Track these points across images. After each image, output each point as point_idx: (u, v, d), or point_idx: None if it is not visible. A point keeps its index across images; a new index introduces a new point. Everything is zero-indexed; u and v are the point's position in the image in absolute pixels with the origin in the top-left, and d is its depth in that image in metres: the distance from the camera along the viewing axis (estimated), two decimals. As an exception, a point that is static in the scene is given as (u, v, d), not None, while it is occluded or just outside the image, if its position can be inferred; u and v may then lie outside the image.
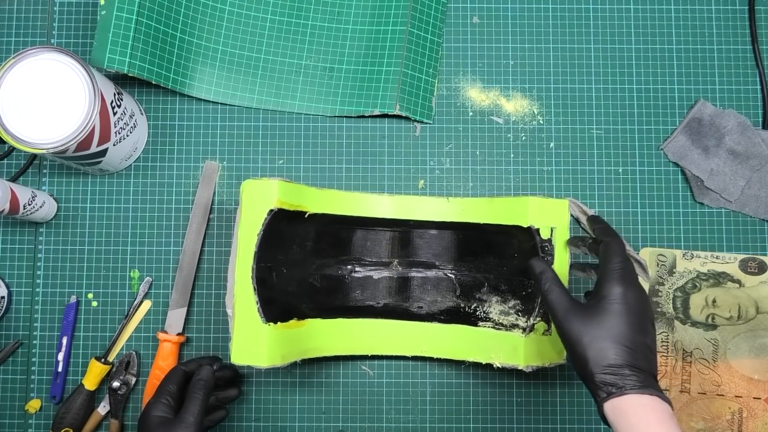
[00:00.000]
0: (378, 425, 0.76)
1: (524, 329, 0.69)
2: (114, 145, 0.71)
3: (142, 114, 0.77)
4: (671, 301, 0.77)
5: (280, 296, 0.71)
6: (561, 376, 0.76)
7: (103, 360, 0.75)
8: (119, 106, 0.70)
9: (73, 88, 0.65)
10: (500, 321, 0.72)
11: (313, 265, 0.74)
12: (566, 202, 0.69)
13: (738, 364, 0.76)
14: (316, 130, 0.79)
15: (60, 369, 0.75)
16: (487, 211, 0.72)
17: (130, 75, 0.72)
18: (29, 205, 0.71)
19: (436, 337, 0.73)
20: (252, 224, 0.67)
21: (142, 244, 0.77)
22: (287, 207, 0.68)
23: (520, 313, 0.71)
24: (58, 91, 0.65)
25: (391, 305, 0.75)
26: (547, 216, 0.68)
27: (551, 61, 0.80)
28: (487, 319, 0.73)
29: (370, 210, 0.73)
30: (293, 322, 0.69)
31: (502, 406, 0.76)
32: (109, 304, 0.77)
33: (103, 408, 0.75)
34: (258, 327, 0.66)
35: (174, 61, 0.76)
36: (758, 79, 0.79)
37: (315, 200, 0.71)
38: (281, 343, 0.67)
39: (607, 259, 0.59)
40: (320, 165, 0.78)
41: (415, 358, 0.76)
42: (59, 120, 0.65)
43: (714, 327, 0.77)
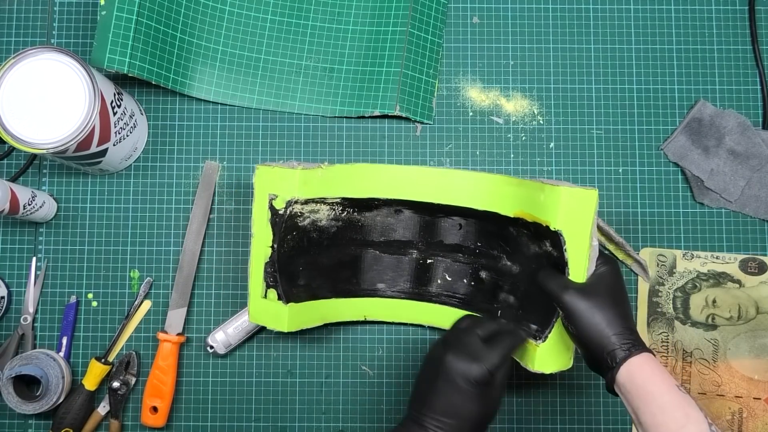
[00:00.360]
0: (378, 425, 0.76)
1: (536, 337, 0.66)
2: (114, 145, 0.71)
3: (142, 114, 0.77)
4: (671, 301, 0.77)
5: (302, 280, 0.72)
6: (561, 377, 0.76)
7: (103, 360, 0.75)
8: (119, 106, 0.70)
9: (73, 88, 0.65)
10: (505, 317, 0.70)
11: (327, 249, 0.74)
12: (595, 192, 0.62)
13: (738, 364, 0.76)
14: (316, 130, 0.79)
15: (60, 369, 0.75)
16: (508, 194, 0.67)
17: (130, 75, 0.72)
18: (29, 205, 0.71)
19: (446, 317, 0.73)
20: (263, 211, 0.68)
21: (142, 244, 0.78)
22: (307, 196, 0.68)
23: (528, 320, 0.68)
24: (58, 91, 0.65)
25: (409, 289, 0.75)
26: (577, 210, 0.62)
27: (551, 61, 0.80)
28: (504, 316, 0.71)
29: (394, 189, 0.70)
30: (311, 303, 0.71)
31: (501, 406, 0.76)
32: (109, 304, 0.77)
33: (103, 408, 0.75)
34: (277, 306, 0.69)
35: (174, 61, 0.76)
36: (758, 79, 0.79)
37: (331, 183, 0.69)
38: (301, 315, 0.70)
39: None
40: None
41: (415, 358, 0.76)
42: (59, 120, 0.65)
43: (714, 327, 0.77)
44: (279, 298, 0.69)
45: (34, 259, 0.77)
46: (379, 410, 0.76)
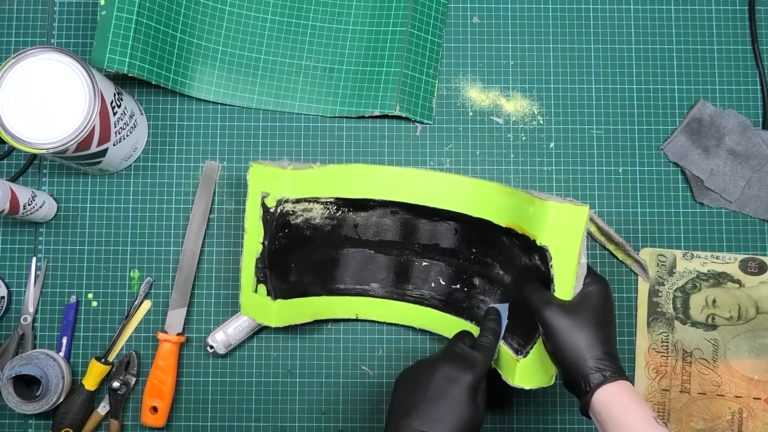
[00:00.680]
0: (378, 425, 0.76)
1: (518, 351, 0.66)
2: (114, 145, 0.71)
3: (142, 114, 0.77)
4: (671, 301, 0.77)
5: (293, 276, 0.72)
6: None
7: (103, 360, 0.75)
8: (119, 106, 0.70)
9: (73, 88, 0.65)
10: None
11: (321, 247, 0.74)
12: (586, 209, 0.61)
13: (738, 364, 0.76)
14: (316, 130, 0.79)
15: (60, 369, 0.75)
16: (501, 204, 0.66)
17: (130, 75, 0.72)
18: (29, 205, 0.71)
19: (436, 320, 0.73)
20: (255, 208, 0.69)
21: (142, 244, 0.78)
22: (298, 195, 0.69)
23: (513, 332, 0.68)
24: (58, 91, 0.65)
25: (402, 291, 0.75)
26: (566, 226, 0.61)
27: (551, 61, 0.80)
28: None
29: (389, 191, 0.70)
30: (301, 299, 0.72)
31: (501, 406, 0.76)
32: (109, 304, 0.77)
33: (103, 408, 0.75)
34: (266, 301, 0.70)
35: (174, 61, 0.76)
36: (758, 79, 0.80)
37: (323, 183, 0.69)
38: (290, 310, 0.71)
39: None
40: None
41: (415, 358, 0.76)
42: (59, 120, 0.65)
43: (714, 327, 0.77)
44: (268, 294, 0.70)
45: (34, 259, 0.77)
46: (379, 410, 0.76)
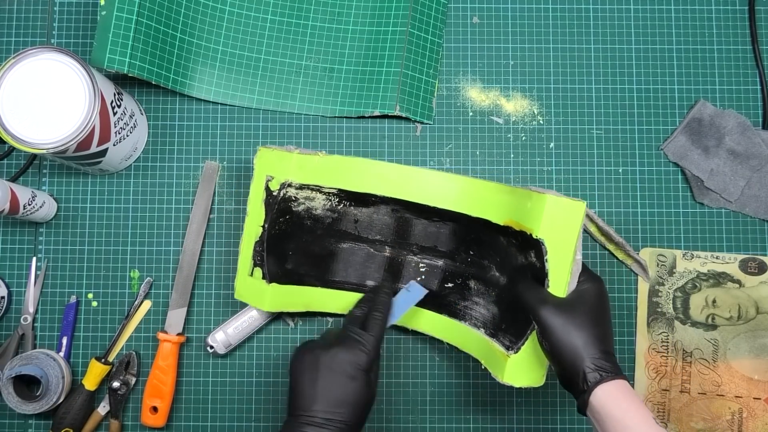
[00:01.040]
0: (378, 425, 0.76)
1: (509, 347, 0.65)
2: (114, 145, 0.71)
3: (142, 114, 0.77)
4: (671, 301, 0.77)
5: (290, 264, 0.73)
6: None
7: (103, 360, 0.75)
8: (119, 106, 0.70)
9: (73, 88, 0.65)
10: (488, 327, 0.70)
11: (320, 238, 0.74)
12: (583, 205, 0.61)
13: (738, 364, 0.76)
14: (316, 130, 0.79)
15: (60, 369, 0.75)
16: (499, 202, 0.66)
17: (130, 75, 0.72)
18: (29, 205, 0.71)
19: (431, 322, 0.73)
20: (259, 192, 0.70)
21: (142, 244, 0.78)
22: (301, 181, 0.69)
23: (506, 331, 0.68)
24: (58, 91, 0.65)
25: (397, 290, 0.74)
26: (562, 220, 0.61)
27: (551, 61, 0.80)
28: (478, 325, 0.71)
29: (389, 187, 0.70)
30: (295, 287, 0.72)
31: (502, 406, 0.76)
32: (109, 304, 0.77)
33: (103, 408, 0.75)
34: (260, 284, 0.71)
35: (174, 61, 0.76)
36: (758, 79, 0.80)
37: (327, 172, 0.70)
38: (283, 297, 0.71)
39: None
40: (320, 165, 0.78)
41: (415, 358, 0.76)
42: (59, 120, 0.65)
43: (714, 327, 0.77)
44: (263, 277, 0.70)
45: (34, 259, 0.77)
46: (379, 410, 0.76)
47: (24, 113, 0.65)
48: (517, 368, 0.64)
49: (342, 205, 0.73)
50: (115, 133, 0.70)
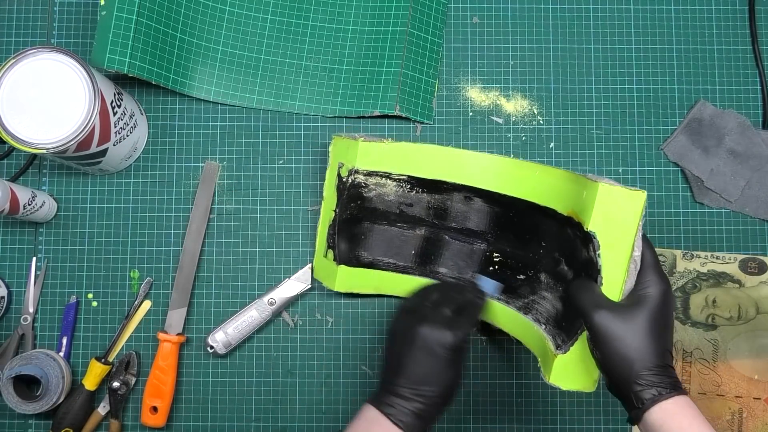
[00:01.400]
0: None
1: (559, 346, 0.62)
2: (114, 145, 0.71)
3: (142, 114, 0.77)
4: (671, 301, 0.77)
5: (362, 248, 0.75)
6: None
7: (103, 360, 0.75)
8: (119, 106, 0.70)
9: (73, 88, 0.65)
10: (549, 324, 0.67)
11: (393, 223, 0.75)
12: (643, 195, 0.56)
13: (738, 364, 0.76)
14: (316, 130, 0.79)
15: (60, 369, 0.75)
16: (565, 191, 0.62)
17: (130, 75, 0.72)
18: (29, 205, 0.71)
19: (502, 314, 0.70)
20: (332, 177, 0.73)
21: (142, 244, 0.78)
22: (367, 167, 0.71)
23: (563, 329, 0.64)
24: (58, 91, 0.65)
25: (469, 279, 0.74)
26: (617, 212, 0.56)
27: (551, 61, 0.80)
28: (541, 320, 0.68)
29: (459, 174, 0.69)
30: (366, 270, 0.74)
31: (502, 406, 0.76)
32: (109, 304, 0.77)
33: (103, 408, 0.75)
34: (332, 266, 0.73)
35: (174, 61, 0.76)
36: (758, 79, 0.80)
37: (395, 159, 0.70)
38: (353, 278, 0.73)
39: (645, 254, 0.58)
40: (321, 165, 0.78)
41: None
42: (59, 120, 0.65)
43: (714, 327, 0.77)
44: (334, 259, 0.72)
45: (34, 259, 0.77)
46: (379, 410, 0.76)
47: (24, 113, 0.65)
48: (565, 369, 0.61)
49: (414, 192, 0.74)
50: (115, 133, 0.70)
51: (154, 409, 0.74)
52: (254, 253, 0.77)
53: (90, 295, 0.77)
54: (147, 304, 0.77)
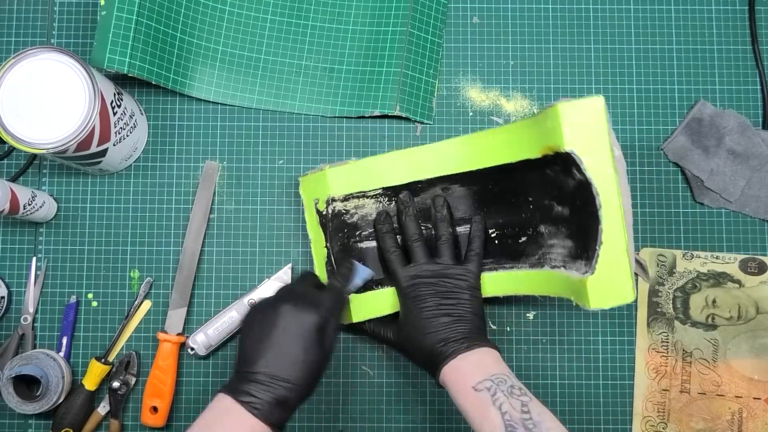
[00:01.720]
0: (378, 425, 0.76)
1: (585, 272, 0.61)
2: (114, 145, 0.71)
3: (142, 114, 0.77)
4: (671, 302, 0.77)
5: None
6: (561, 376, 0.76)
7: (103, 360, 0.75)
8: (119, 106, 0.70)
9: (73, 88, 0.65)
10: (567, 263, 0.66)
11: (362, 235, 0.75)
12: (600, 99, 0.59)
13: (738, 364, 0.76)
14: (316, 130, 0.79)
15: (60, 369, 0.75)
16: (527, 136, 0.64)
17: (130, 75, 0.72)
18: (29, 205, 0.71)
19: (516, 279, 0.70)
20: (312, 217, 0.73)
21: (142, 244, 0.78)
22: (342, 192, 0.71)
23: (582, 257, 0.64)
24: (58, 91, 0.65)
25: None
26: (585, 123, 0.58)
27: (551, 61, 0.80)
28: (559, 266, 0.67)
29: (429, 168, 0.70)
30: (374, 293, 0.72)
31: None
32: (109, 304, 0.77)
33: (103, 408, 0.75)
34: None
35: (174, 61, 0.76)
36: (758, 79, 0.80)
37: (363, 176, 0.71)
38: (365, 305, 0.72)
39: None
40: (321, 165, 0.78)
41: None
42: (59, 120, 0.65)
43: (714, 327, 0.77)
44: None
45: (34, 259, 0.77)
46: (379, 410, 0.76)
47: (24, 113, 0.65)
48: (599, 288, 0.60)
49: (392, 202, 0.73)
50: (115, 133, 0.70)
51: (154, 409, 0.74)
52: (254, 253, 0.77)
53: (90, 295, 0.77)
54: (147, 304, 0.77)
